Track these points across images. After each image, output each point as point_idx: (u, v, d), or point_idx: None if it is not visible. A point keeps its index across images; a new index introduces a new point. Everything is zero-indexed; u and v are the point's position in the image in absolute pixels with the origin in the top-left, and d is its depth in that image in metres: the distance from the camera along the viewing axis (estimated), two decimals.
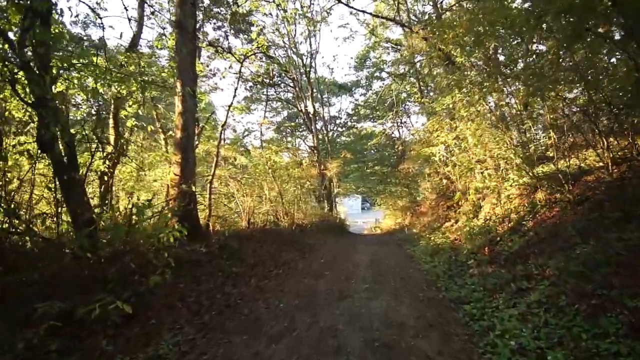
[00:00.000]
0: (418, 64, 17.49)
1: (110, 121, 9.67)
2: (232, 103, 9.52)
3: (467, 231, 8.13)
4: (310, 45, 20.58)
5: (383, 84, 28.19)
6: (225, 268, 6.30)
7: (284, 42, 19.67)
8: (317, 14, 19.59)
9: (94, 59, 6.79)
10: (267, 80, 19.48)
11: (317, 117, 20.84)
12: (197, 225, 7.15)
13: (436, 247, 8.97)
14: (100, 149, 8.42)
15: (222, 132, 9.28)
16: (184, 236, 5.47)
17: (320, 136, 27.21)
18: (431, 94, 17.29)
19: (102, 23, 12.50)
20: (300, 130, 25.79)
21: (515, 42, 7.55)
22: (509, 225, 7.27)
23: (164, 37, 10.10)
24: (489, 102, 9.55)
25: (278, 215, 12.64)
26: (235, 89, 9.79)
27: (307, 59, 20.52)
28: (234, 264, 6.62)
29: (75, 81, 7.18)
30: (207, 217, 8.37)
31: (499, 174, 9.27)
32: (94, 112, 9.45)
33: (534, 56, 6.90)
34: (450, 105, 10.15)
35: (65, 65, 5.86)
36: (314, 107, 19.28)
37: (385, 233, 21.18)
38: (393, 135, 29.79)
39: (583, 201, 6.15)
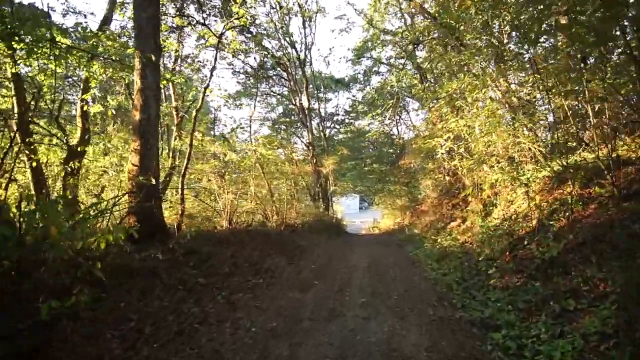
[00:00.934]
0: (420, 52, 16.27)
1: (78, 109, 8.41)
2: (208, 84, 8.25)
3: (482, 232, 6.91)
4: (305, 36, 19.27)
5: (382, 78, 27.02)
6: (189, 279, 5.04)
7: (277, 31, 18.42)
8: (313, 3, 18.36)
9: (54, 34, 5.53)
10: (256, 68, 18.19)
11: (312, 112, 19.62)
12: (159, 226, 5.90)
13: (443, 251, 7.75)
14: (62, 140, 7.17)
15: (195, 116, 8.00)
16: (130, 239, 4.23)
17: (316, 132, 26.02)
18: (432, 81, 16.06)
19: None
20: (296, 126, 24.49)
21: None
22: (533, 225, 6.05)
23: (124, 5, 8.76)
24: (502, 86, 8.35)
25: (267, 215, 11.39)
26: (213, 68, 8.44)
27: (301, 50, 19.29)
28: (201, 273, 5.37)
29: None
30: (178, 216, 7.14)
31: (514, 166, 8.08)
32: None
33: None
34: (458, 91, 8.93)
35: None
36: (309, 101, 18.07)
37: (384, 233, 19.97)
38: (391, 132, 28.71)
39: (630, 196, 4.94)
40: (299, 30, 19.21)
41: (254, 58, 18.92)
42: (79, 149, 6.93)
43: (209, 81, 8.24)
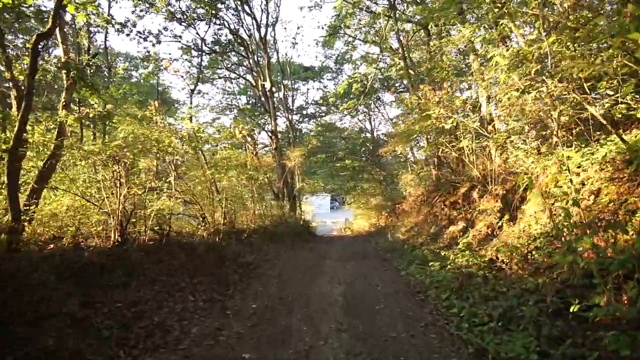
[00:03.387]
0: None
1: None
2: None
3: (523, 244, 4.11)
4: (267, 10, 16.03)
5: (355, 68, 24.35)
6: None
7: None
8: None
9: None
10: (205, 40, 14.68)
11: (275, 98, 16.41)
12: None
13: (460, 273, 4.88)
14: None
15: (45, 43, 4.67)
16: None
17: (282, 125, 22.87)
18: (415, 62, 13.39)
19: None
20: (259, 112, 21.00)
21: None
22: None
23: None
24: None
25: (207, 218, 8.15)
26: None
27: (262, 21, 15.98)
28: None
29: None
30: (7, 224, 3.81)
31: (548, 145, 5.45)
32: None
33: None
34: (468, 44, 6.18)
35: None
36: (271, 81, 14.91)
37: (359, 236, 17.17)
38: (364, 127, 26.12)
39: None
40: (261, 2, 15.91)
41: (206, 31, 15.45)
42: None
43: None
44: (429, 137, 8.86)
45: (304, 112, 27.47)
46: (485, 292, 3.97)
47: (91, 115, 5.39)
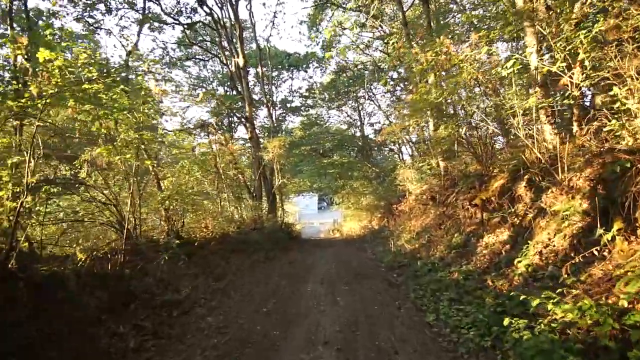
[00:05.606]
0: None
1: None
2: None
3: None
4: None
5: (344, 59, 21.84)
6: None
7: None
8: None
9: None
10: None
11: (247, 71, 13.58)
12: None
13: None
14: None
15: None
16: None
17: (264, 117, 20.20)
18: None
19: None
20: (235, 99, 18.08)
21: None
22: None
23: None
24: None
25: (127, 228, 5.38)
26: None
27: None
28: None
29: None
30: None
31: None
32: None
33: None
34: None
35: None
36: (244, 55, 12.16)
37: (350, 240, 14.62)
38: (354, 120, 23.58)
39: None
40: None
41: None
42: None
43: None
44: (442, 115, 6.33)
45: (288, 105, 24.70)
46: None
47: None
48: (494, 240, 5.27)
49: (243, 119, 12.88)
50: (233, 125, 21.65)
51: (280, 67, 22.26)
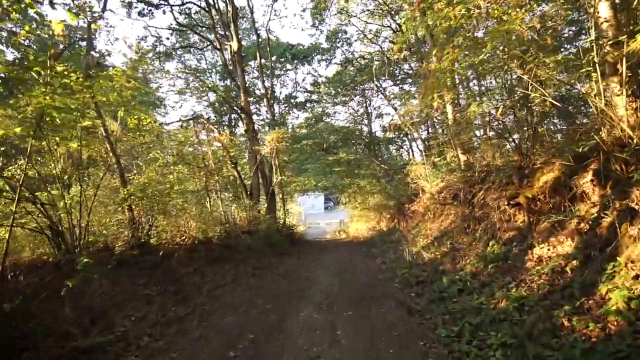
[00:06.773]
0: None
1: None
2: None
3: None
4: None
5: (351, 50, 20.51)
6: None
7: None
8: None
9: None
10: None
11: (242, 57, 12.22)
12: None
13: None
14: None
15: None
16: None
17: (265, 114, 18.97)
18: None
19: None
20: (232, 90, 16.76)
21: None
22: None
23: None
24: None
25: (64, 233, 4.13)
26: None
27: None
28: None
29: None
30: None
31: None
32: None
33: None
34: None
35: None
36: (238, 39, 10.88)
37: (356, 243, 13.26)
38: (361, 116, 22.13)
39: None
40: None
41: None
42: None
43: None
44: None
45: (293, 101, 23.39)
46: None
47: None
48: (551, 252, 3.86)
49: (238, 110, 11.56)
50: (233, 122, 20.46)
51: (283, 59, 20.96)
